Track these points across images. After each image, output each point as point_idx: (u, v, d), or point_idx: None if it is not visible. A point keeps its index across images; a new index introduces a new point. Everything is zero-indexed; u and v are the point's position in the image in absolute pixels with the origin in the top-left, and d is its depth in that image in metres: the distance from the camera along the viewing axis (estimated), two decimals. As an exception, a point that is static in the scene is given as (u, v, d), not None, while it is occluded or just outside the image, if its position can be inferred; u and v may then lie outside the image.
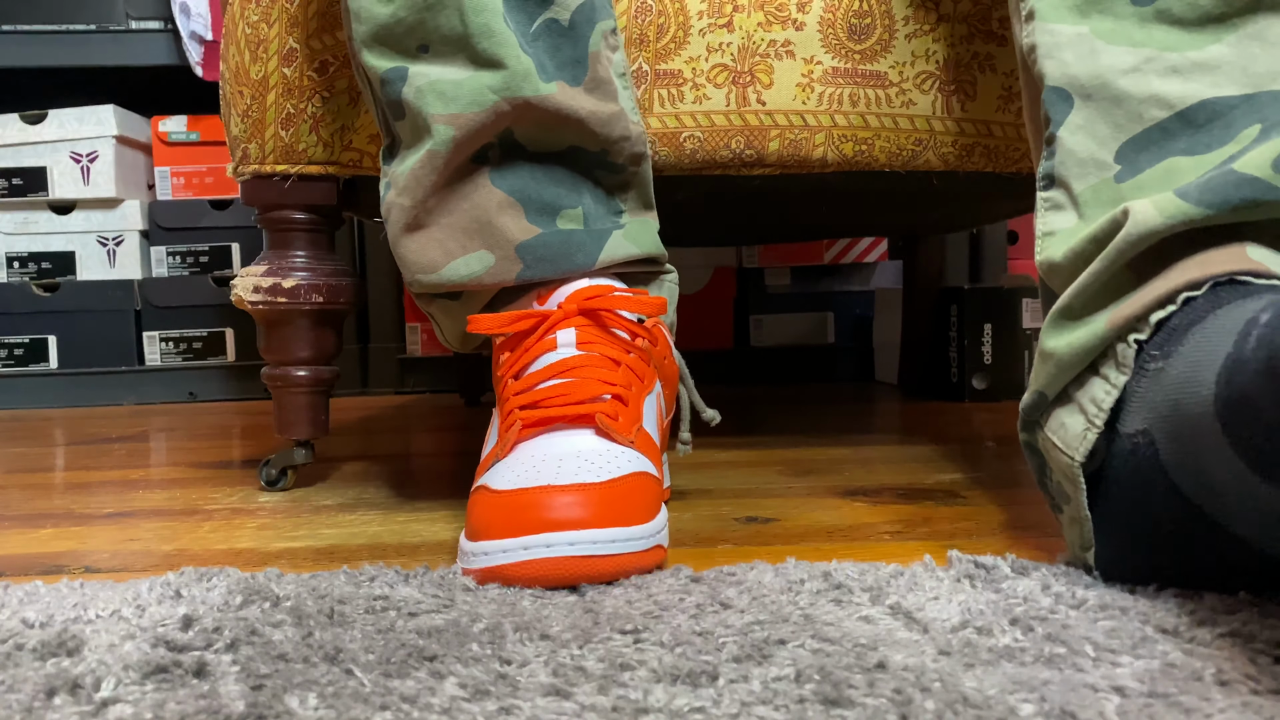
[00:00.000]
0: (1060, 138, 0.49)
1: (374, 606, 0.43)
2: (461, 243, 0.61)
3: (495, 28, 0.58)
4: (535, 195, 0.60)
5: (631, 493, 0.50)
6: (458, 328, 0.66)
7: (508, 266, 0.60)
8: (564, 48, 0.60)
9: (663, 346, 0.62)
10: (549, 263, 0.60)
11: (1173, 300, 0.43)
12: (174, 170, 1.64)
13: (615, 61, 0.62)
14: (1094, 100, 0.48)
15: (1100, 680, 0.34)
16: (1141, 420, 0.42)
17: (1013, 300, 1.32)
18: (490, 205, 0.60)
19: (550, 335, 0.57)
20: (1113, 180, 0.47)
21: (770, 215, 1.03)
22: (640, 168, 0.63)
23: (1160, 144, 0.47)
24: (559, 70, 0.59)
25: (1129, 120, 0.47)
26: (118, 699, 0.33)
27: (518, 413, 0.55)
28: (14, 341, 1.60)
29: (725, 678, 0.34)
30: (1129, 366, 0.44)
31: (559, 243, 0.60)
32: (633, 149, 0.62)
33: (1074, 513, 0.46)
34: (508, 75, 0.58)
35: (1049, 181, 0.50)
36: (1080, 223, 0.48)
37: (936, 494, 0.71)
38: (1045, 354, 0.47)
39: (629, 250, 0.62)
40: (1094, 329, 0.45)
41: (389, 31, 0.60)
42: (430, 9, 0.58)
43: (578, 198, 0.61)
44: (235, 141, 0.75)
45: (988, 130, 0.74)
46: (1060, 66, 0.49)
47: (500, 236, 0.60)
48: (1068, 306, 0.47)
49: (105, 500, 0.76)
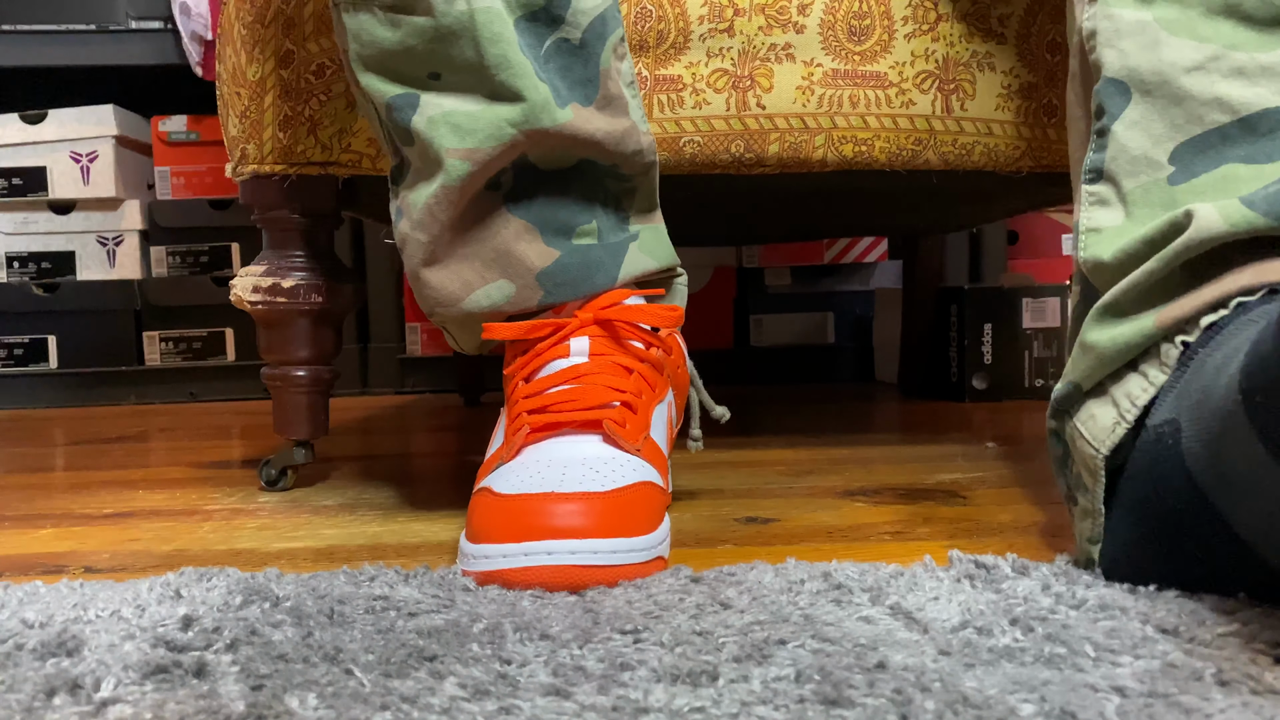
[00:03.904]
0: (1114, 132, 0.48)
1: (374, 606, 0.43)
2: (481, 274, 0.59)
3: (512, 58, 0.55)
4: (550, 217, 0.59)
5: (635, 503, 0.50)
6: (473, 337, 0.65)
7: (529, 294, 0.59)
8: (575, 67, 0.58)
9: (677, 356, 0.61)
10: (569, 286, 0.59)
11: (1225, 305, 0.42)
12: (174, 170, 1.64)
13: (624, 72, 0.60)
14: (1153, 97, 0.47)
15: (1100, 680, 0.34)
16: (1170, 410, 0.42)
17: (1013, 300, 1.32)
18: (508, 234, 0.59)
19: (564, 343, 0.57)
20: (1165, 181, 0.46)
21: (770, 215, 1.03)
22: (649, 174, 0.62)
23: (1219, 149, 0.45)
24: (571, 91, 0.57)
25: (1188, 121, 0.46)
26: (118, 699, 0.33)
27: (525, 416, 0.55)
28: (14, 341, 1.60)
29: (725, 678, 0.34)
30: (1170, 366, 0.43)
31: (578, 264, 0.59)
32: (644, 160, 0.61)
33: (1088, 505, 0.46)
34: (526, 108, 0.55)
35: (1096, 175, 0.49)
36: (1128, 222, 0.47)
37: (936, 494, 0.71)
38: (1086, 346, 0.46)
39: (647, 265, 0.61)
40: (1141, 326, 0.44)
41: (396, 58, 0.57)
42: (442, 40, 0.55)
43: (590, 213, 0.60)
44: (234, 142, 0.75)
45: (988, 129, 0.74)
46: (1120, 57, 0.48)
47: (520, 265, 0.58)
48: (1114, 302, 0.46)
49: (105, 500, 0.76)
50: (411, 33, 0.56)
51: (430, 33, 0.56)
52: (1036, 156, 0.75)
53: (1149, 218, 0.46)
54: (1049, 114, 0.75)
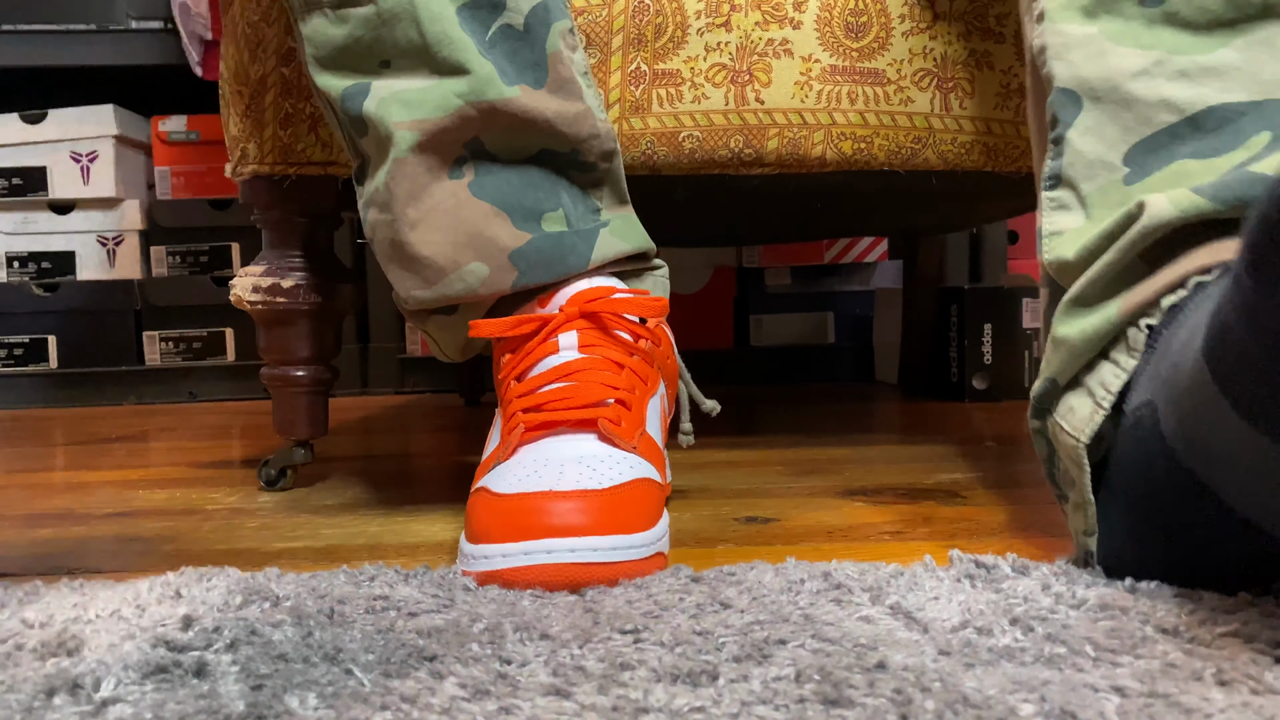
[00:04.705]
0: (1069, 139, 0.49)
1: (374, 606, 0.43)
2: (453, 257, 0.60)
3: (453, 35, 0.58)
4: (516, 201, 0.60)
5: (633, 500, 0.50)
6: (456, 340, 0.65)
7: (503, 275, 0.60)
8: (522, 51, 0.59)
9: (665, 346, 0.62)
10: (543, 267, 0.60)
11: (1184, 285, 0.43)
12: (174, 170, 1.64)
13: (575, 61, 0.61)
14: (1103, 103, 0.48)
15: (1100, 680, 0.34)
16: (1145, 393, 0.43)
17: (1013, 300, 1.32)
18: (477, 217, 0.60)
19: (552, 339, 0.57)
20: (1121, 182, 0.48)
21: (770, 215, 1.03)
22: (612, 164, 0.63)
23: (1169, 147, 0.47)
24: (520, 74, 0.59)
25: (1138, 123, 0.47)
26: (118, 699, 0.33)
27: (520, 415, 0.55)
28: (14, 341, 1.60)
29: (725, 678, 0.34)
30: (1139, 350, 0.44)
31: (551, 246, 0.60)
32: (603, 146, 0.62)
33: (1078, 498, 0.46)
34: (471, 80, 0.58)
35: (1055, 181, 0.50)
36: (1088, 222, 0.48)
37: (936, 494, 0.71)
38: (1057, 341, 0.47)
39: (620, 247, 0.62)
40: (1106, 315, 0.46)
41: (347, 52, 0.60)
42: (385, 24, 0.59)
43: (556, 199, 0.61)
44: (234, 141, 0.75)
45: (987, 128, 0.74)
46: (1069, 68, 0.49)
47: (492, 246, 0.59)
48: (1080, 295, 0.47)
49: (105, 500, 0.76)
50: (358, 24, 0.59)
51: (374, 20, 0.59)
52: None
53: (1107, 217, 0.47)
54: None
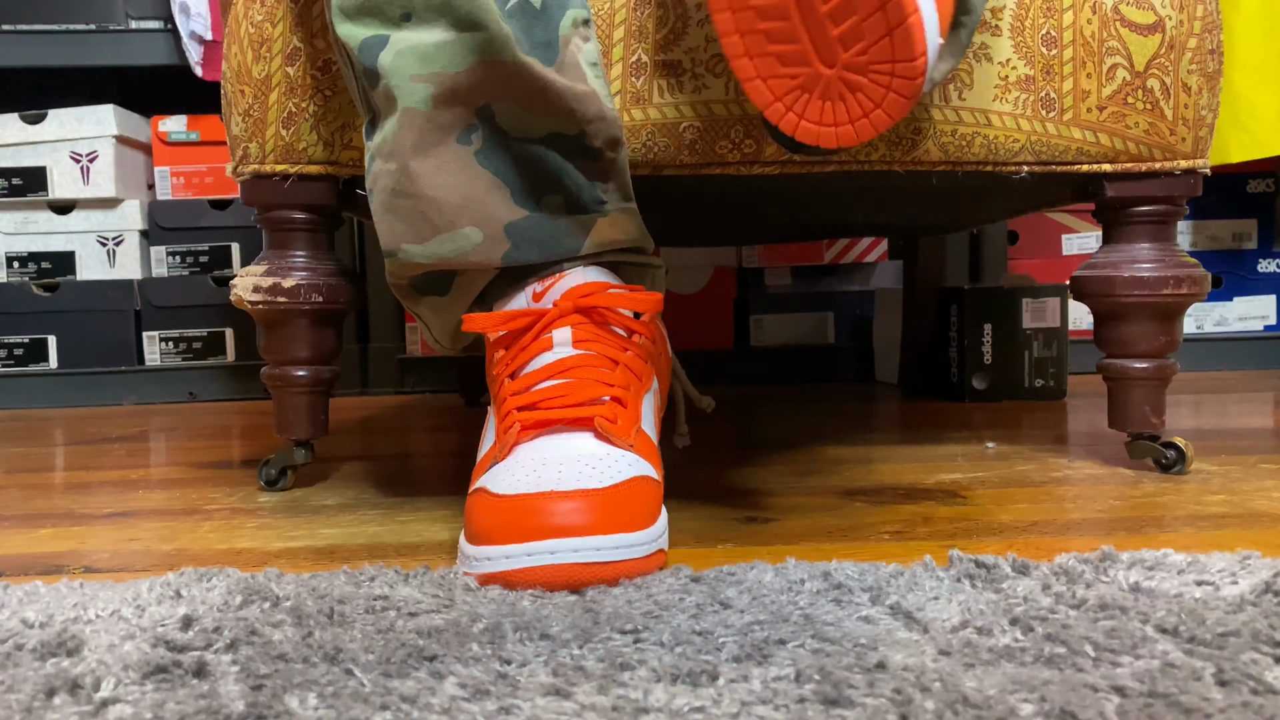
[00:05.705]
0: None
1: (374, 606, 0.43)
2: (448, 218, 0.60)
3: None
4: (520, 180, 0.60)
5: (633, 498, 0.50)
6: (448, 325, 0.65)
7: (495, 245, 0.59)
8: (536, 29, 0.59)
9: (660, 342, 0.62)
10: (537, 244, 0.59)
11: None
12: (174, 170, 1.64)
13: (586, 51, 0.61)
14: None
15: (1100, 680, 0.34)
16: None
17: (1013, 300, 1.32)
18: (478, 184, 0.59)
19: (546, 334, 0.57)
20: None
21: (770, 214, 1.03)
22: (618, 154, 0.62)
23: None
24: (532, 49, 0.59)
25: None
26: (117, 699, 0.33)
27: (515, 414, 0.54)
28: (14, 341, 1.60)
29: (725, 678, 0.34)
30: None
31: (547, 226, 0.60)
32: (609, 131, 0.61)
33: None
34: (488, 37, 0.57)
35: None
36: None
37: (936, 494, 0.71)
38: None
39: (616, 236, 0.61)
40: None
41: (371, 2, 0.60)
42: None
43: (560, 184, 0.60)
44: (236, 141, 0.75)
45: (986, 120, 0.74)
46: None
47: (488, 214, 0.59)
48: None
49: (105, 500, 0.76)
50: None
51: None
52: (1036, 151, 0.75)
53: None
54: (1047, 107, 0.74)
